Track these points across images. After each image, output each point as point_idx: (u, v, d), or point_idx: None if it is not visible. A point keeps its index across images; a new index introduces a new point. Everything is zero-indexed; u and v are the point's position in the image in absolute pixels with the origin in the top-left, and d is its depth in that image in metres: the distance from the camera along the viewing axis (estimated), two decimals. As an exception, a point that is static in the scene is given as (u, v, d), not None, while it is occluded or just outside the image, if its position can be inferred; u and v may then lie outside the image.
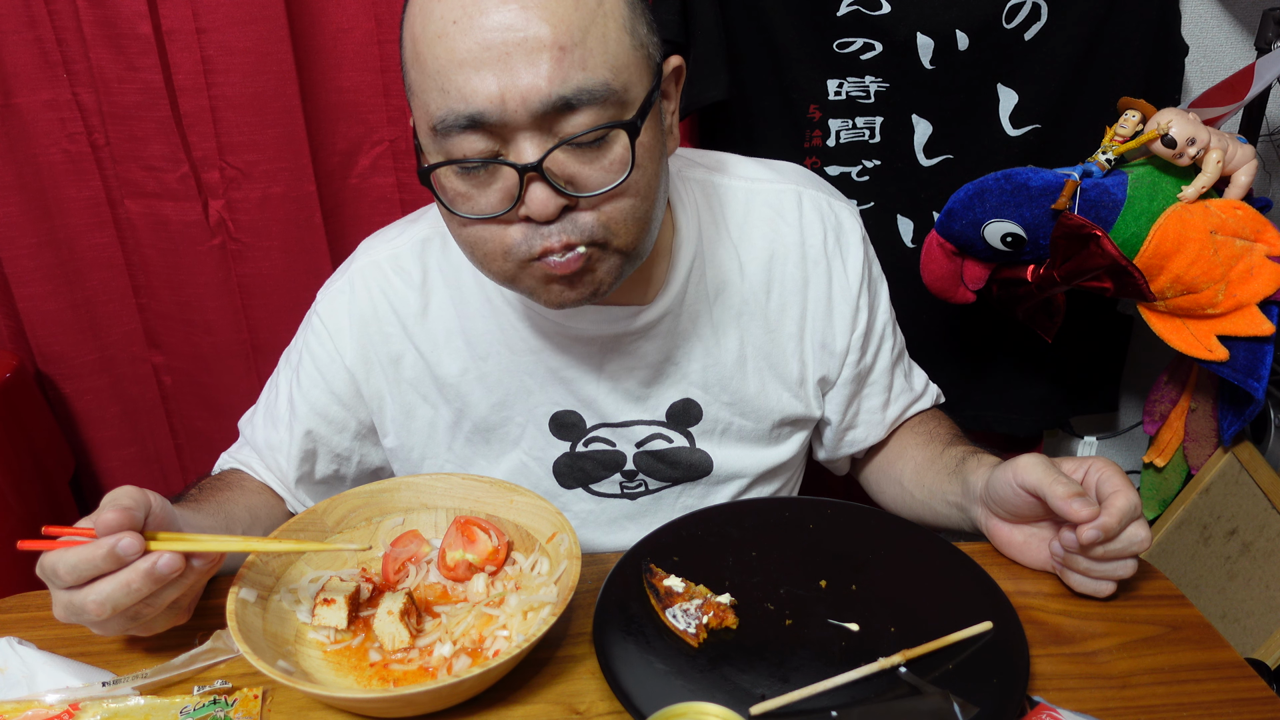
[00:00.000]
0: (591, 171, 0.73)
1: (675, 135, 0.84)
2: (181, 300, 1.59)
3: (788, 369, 0.99)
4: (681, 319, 0.94)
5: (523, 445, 0.98)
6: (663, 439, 0.98)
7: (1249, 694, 0.75)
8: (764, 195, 0.97)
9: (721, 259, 0.95)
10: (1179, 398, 1.59)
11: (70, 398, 1.64)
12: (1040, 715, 0.69)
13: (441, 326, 0.94)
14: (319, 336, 0.96)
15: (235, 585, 0.77)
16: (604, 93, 0.71)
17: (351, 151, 1.56)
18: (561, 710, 0.74)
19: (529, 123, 0.70)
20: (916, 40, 1.55)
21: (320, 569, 0.85)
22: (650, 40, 0.76)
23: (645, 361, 0.95)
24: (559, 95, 0.69)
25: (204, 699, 0.74)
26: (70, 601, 0.72)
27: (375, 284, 0.95)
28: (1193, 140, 1.30)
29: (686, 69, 1.52)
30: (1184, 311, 1.38)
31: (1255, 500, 1.49)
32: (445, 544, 0.87)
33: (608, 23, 0.71)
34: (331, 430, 0.98)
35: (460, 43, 0.69)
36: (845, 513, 0.92)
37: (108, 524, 0.71)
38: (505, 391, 0.95)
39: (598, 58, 0.70)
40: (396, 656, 0.77)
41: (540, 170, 0.71)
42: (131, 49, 1.39)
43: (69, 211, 1.52)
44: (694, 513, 0.92)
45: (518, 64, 0.68)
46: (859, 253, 1.00)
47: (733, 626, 0.78)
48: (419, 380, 0.96)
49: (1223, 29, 1.73)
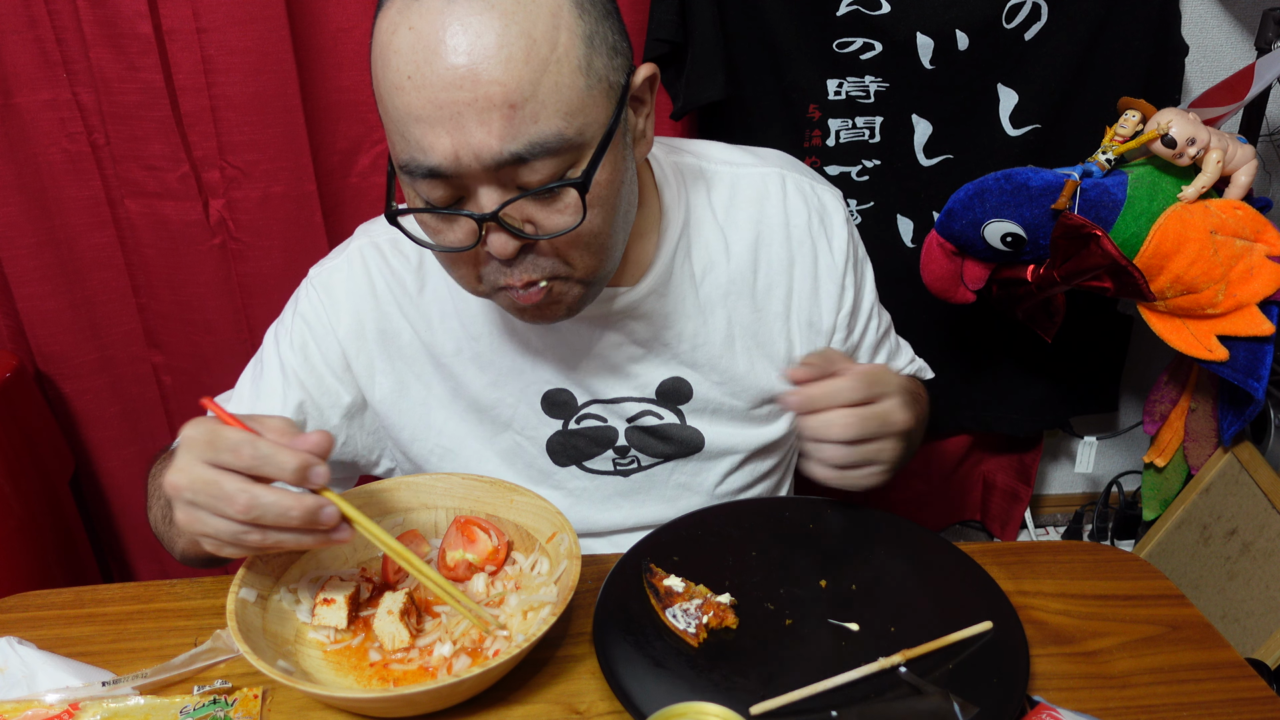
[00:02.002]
0: (548, 215, 0.75)
1: (648, 138, 0.85)
2: (182, 300, 1.59)
3: (775, 348, 1.00)
4: (668, 298, 0.95)
5: (515, 424, 0.99)
6: (654, 415, 0.99)
7: (1249, 694, 0.75)
8: (749, 179, 0.99)
9: (708, 240, 0.96)
10: (1179, 398, 1.59)
11: (70, 398, 1.64)
12: (1040, 715, 0.69)
13: (437, 307, 0.96)
14: (313, 307, 0.97)
15: (235, 584, 0.76)
16: (557, 143, 0.72)
17: (352, 151, 1.56)
18: (561, 710, 0.74)
19: (485, 176, 0.72)
20: (916, 40, 1.55)
21: (320, 568, 0.85)
22: (612, 65, 0.76)
23: (634, 339, 0.96)
24: (511, 152, 0.71)
25: (204, 699, 0.74)
26: (219, 481, 0.69)
27: (373, 262, 0.96)
28: (1193, 140, 1.30)
29: (685, 67, 1.53)
30: (1184, 311, 1.38)
31: (1255, 500, 1.49)
32: (445, 544, 0.87)
33: (561, 69, 0.71)
34: (326, 402, 0.97)
35: (414, 98, 0.71)
36: (845, 513, 0.92)
37: (313, 444, 0.71)
38: (498, 371, 0.97)
39: (550, 109, 0.71)
40: (396, 656, 0.77)
41: (497, 219, 0.74)
42: (132, 49, 1.40)
43: (69, 211, 1.52)
44: (694, 513, 0.92)
45: (469, 123, 0.70)
46: (843, 233, 1.01)
47: (733, 626, 0.78)
48: (414, 358, 0.97)
49: (1223, 29, 1.73)
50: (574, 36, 0.72)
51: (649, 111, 0.84)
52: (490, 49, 0.69)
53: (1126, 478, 1.97)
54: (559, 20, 0.71)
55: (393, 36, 0.71)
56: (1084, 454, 1.97)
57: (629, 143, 0.81)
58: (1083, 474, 2.10)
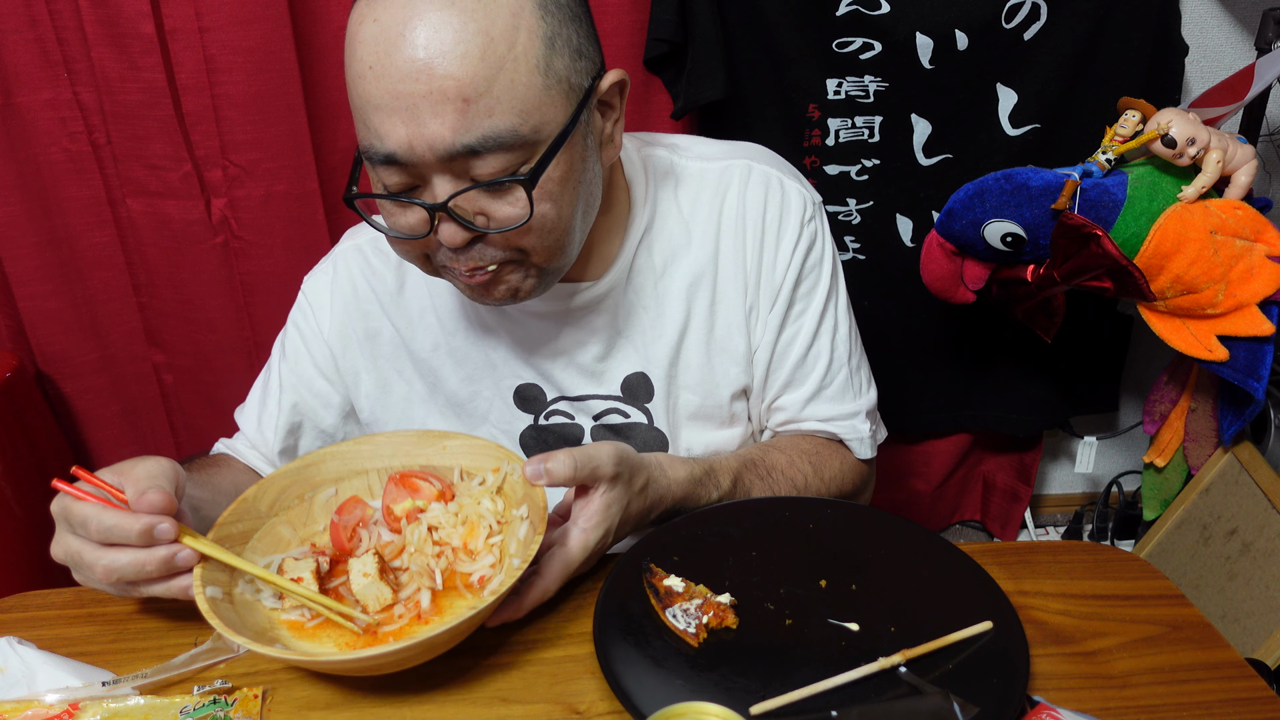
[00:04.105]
0: (498, 206, 0.78)
1: (616, 142, 0.87)
2: (183, 299, 1.59)
3: (733, 342, 0.99)
4: (628, 293, 0.96)
5: (491, 419, 1.01)
6: (619, 414, 1.00)
7: (1249, 694, 0.75)
8: (715, 170, 0.98)
9: (671, 234, 0.97)
10: (1179, 398, 1.59)
11: (70, 397, 1.64)
12: (1040, 715, 0.69)
13: (416, 304, 0.99)
14: (304, 313, 1.01)
15: (198, 585, 0.74)
16: (510, 138, 0.74)
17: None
18: (561, 710, 0.74)
19: (438, 166, 0.75)
20: (916, 40, 1.55)
21: (267, 554, 0.82)
22: (574, 68, 0.78)
23: (597, 335, 0.97)
24: (463, 144, 0.73)
25: (204, 699, 0.74)
26: (80, 553, 0.74)
27: (356, 265, 1.00)
28: (1193, 140, 1.30)
29: (686, 67, 1.53)
30: (1184, 311, 1.38)
31: (1255, 500, 1.49)
32: (387, 500, 0.85)
33: (517, 67, 0.73)
34: (318, 404, 1.02)
35: (374, 88, 0.73)
36: (845, 513, 0.92)
37: (151, 504, 0.73)
38: (473, 365, 0.99)
39: (504, 105, 0.73)
40: (381, 617, 0.76)
41: (447, 209, 0.76)
42: (134, 48, 1.40)
43: (70, 211, 1.52)
44: (694, 513, 0.92)
45: (424, 114, 0.72)
46: (795, 234, 0.97)
47: (733, 626, 0.78)
48: (395, 355, 1.00)
49: (1223, 29, 1.73)
50: (534, 37, 0.74)
51: (618, 117, 0.86)
52: (447, 44, 0.71)
53: (1126, 478, 1.98)
54: (519, 20, 0.73)
55: (359, 28, 0.74)
56: (1084, 454, 1.97)
57: (591, 144, 0.83)
58: (1083, 474, 2.10)
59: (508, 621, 0.78)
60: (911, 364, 1.82)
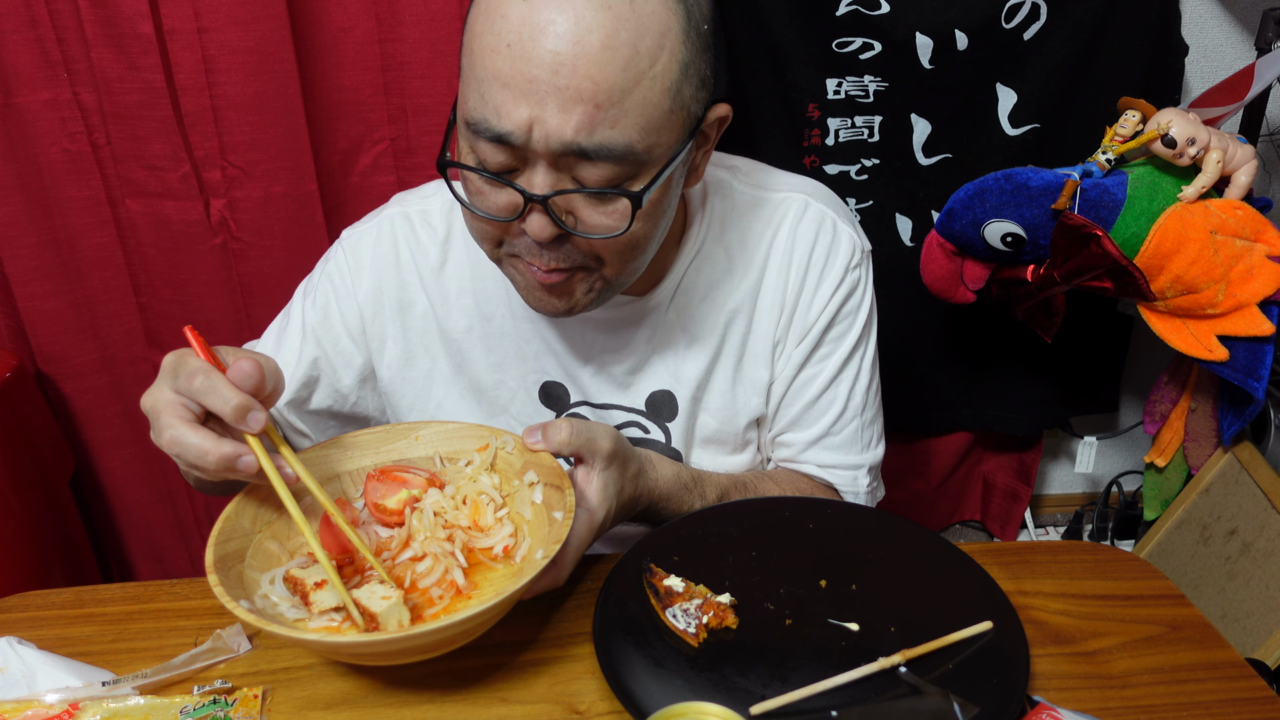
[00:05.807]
0: (593, 214, 0.77)
1: (699, 173, 0.87)
2: (183, 299, 1.59)
3: (758, 372, 0.99)
4: (670, 311, 0.96)
5: (512, 410, 1.00)
6: (639, 428, 1.00)
7: (1249, 694, 0.75)
8: (773, 202, 0.98)
9: (720, 259, 0.96)
10: (1179, 398, 1.59)
11: (70, 398, 1.64)
12: (1040, 715, 0.69)
13: (455, 284, 0.98)
14: (339, 268, 0.99)
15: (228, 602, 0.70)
16: (625, 153, 0.73)
17: (353, 150, 1.56)
18: (561, 710, 0.74)
19: (547, 157, 0.73)
20: (915, 40, 1.55)
21: (267, 570, 0.79)
22: (696, 97, 0.77)
23: (632, 348, 0.97)
24: (579, 145, 0.72)
25: (204, 699, 0.74)
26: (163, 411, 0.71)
27: (401, 232, 0.98)
28: (1193, 140, 1.30)
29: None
30: (1184, 311, 1.38)
31: (1255, 500, 1.49)
32: (373, 498, 0.83)
33: (652, 86, 0.73)
34: (340, 361, 0.99)
35: (508, 66, 0.71)
36: (845, 513, 0.92)
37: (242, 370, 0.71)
38: (504, 354, 0.99)
39: (631, 119, 0.72)
40: (421, 600, 0.75)
41: (544, 204, 0.75)
42: (133, 48, 1.40)
43: (69, 211, 1.52)
44: (694, 513, 0.92)
45: (551, 105, 0.71)
46: (839, 276, 0.97)
47: (733, 626, 0.78)
48: (425, 330, 0.99)
49: (1223, 29, 1.73)
50: (673, 60, 0.73)
51: (709, 148, 0.86)
52: (594, 47, 0.70)
53: (1126, 478, 1.98)
54: (665, 41, 0.72)
55: (506, 2, 0.72)
56: (1084, 454, 1.97)
57: (683, 171, 0.83)
58: (1083, 474, 2.10)
59: (548, 590, 0.80)
60: (911, 364, 1.82)
